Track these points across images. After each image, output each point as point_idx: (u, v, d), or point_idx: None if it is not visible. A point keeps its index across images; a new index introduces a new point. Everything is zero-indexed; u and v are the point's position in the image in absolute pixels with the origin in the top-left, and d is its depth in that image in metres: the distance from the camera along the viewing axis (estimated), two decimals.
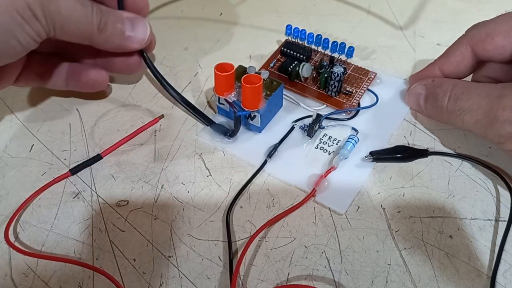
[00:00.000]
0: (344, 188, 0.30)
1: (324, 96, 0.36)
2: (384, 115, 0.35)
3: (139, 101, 0.37)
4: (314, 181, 0.30)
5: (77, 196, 0.31)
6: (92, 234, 0.29)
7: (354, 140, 0.32)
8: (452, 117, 0.30)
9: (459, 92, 0.29)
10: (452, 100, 0.29)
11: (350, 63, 0.38)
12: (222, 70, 0.31)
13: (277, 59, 0.38)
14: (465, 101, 0.29)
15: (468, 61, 0.31)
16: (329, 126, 0.34)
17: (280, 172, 0.32)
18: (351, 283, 0.26)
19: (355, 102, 0.35)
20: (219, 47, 0.42)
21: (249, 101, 0.31)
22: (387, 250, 0.28)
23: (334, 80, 0.34)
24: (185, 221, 0.29)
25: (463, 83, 0.30)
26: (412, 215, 0.29)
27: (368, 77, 0.37)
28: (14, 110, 0.37)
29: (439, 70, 0.33)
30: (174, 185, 0.31)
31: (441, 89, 0.31)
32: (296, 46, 0.38)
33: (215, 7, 0.45)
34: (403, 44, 0.41)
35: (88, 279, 0.27)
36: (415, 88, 0.33)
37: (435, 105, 0.31)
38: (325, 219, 0.29)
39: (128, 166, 0.32)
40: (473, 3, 0.45)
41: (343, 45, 0.36)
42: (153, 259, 0.28)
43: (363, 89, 0.36)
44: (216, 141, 0.33)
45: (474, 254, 0.27)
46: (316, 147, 0.33)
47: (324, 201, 0.30)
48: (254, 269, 0.27)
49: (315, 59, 0.38)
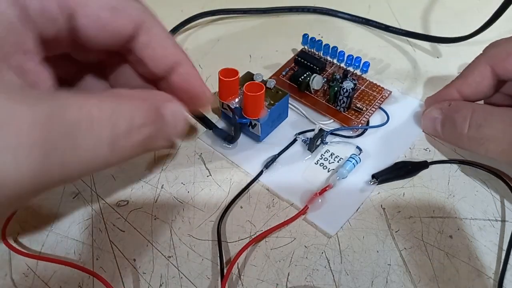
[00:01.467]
0: (338, 209, 0.29)
1: (332, 111, 0.34)
2: (393, 137, 0.33)
3: None
4: (308, 197, 0.29)
5: (77, 196, 0.31)
6: (92, 234, 0.29)
7: (355, 160, 0.31)
8: (474, 145, 0.28)
9: (481, 118, 0.27)
10: (474, 128, 0.28)
11: (365, 78, 0.36)
12: (227, 75, 0.30)
13: (291, 68, 0.38)
14: (488, 129, 0.27)
15: (488, 82, 0.29)
16: (333, 143, 0.33)
17: (275, 184, 0.31)
18: (351, 283, 0.26)
19: (364, 120, 0.34)
20: (219, 47, 0.42)
21: (249, 109, 0.30)
22: (387, 250, 0.28)
23: (343, 95, 0.33)
24: (185, 221, 0.29)
25: (483, 108, 0.28)
26: (412, 215, 0.29)
27: (382, 95, 0.35)
28: None
29: (457, 93, 0.31)
30: (174, 185, 0.31)
31: (460, 115, 0.29)
32: (311, 56, 0.37)
33: (215, 7, 0.45)
34: (403, 44, 0.41)
35: (88, 279, 0.27)
36: (431, 112, 0.32)
37: (454, 131, 0.29)
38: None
39: (128, 166, 0.32)
40: (473, 3, 0.45)
41: (359, 59, 0.35)
42: (153, 259, 0.28)
43: (375, 107, 0.34)
44: (216, 146, 0.33)
45: (474, 254, 0.27)
46: (316, 163, 0.32)
47: (314, 220, 0.29)
48: (254, 269, 0.27)
49: (330, 71, 0.37)
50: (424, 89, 0.37)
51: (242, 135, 0.33)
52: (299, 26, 0.44)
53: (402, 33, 0.41)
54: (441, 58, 0.40)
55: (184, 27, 0.43)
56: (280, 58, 0.40)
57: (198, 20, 0.43)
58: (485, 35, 0.36)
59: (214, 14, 0.44)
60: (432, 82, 0.37)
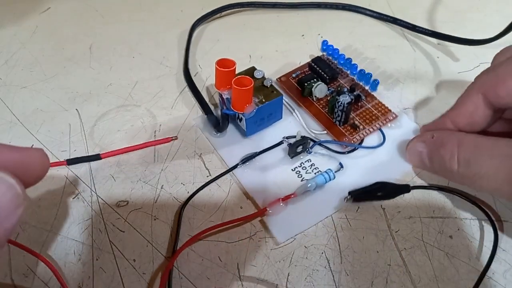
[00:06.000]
0: (295, 219, 0.29)
1: (328, 122, 0.33)
2: (385, 161, 0.32)
3: (139, 101, 0.37)
4: (270, 201, 0.29)
5: (76, 196, 0.31)
6: (92, 234, 0.29)
7: (328, 175, 0.30)
8: (467, 182, 0.27)
9: (468, 153, 0.26)
10: (463, 165, 0.26)
11: (374, 96, 0.35)
12: (223, 65, 0.30)
13: (303, 72, 0.37)
14: (478, 166, 0.25)
15: (482, 111, 0.28)
16: (317, 154, 0.32)
17: (246, 180, 0.31)
18: (351, 284, 0.26)
19: (358, 138, 0.32)
20: (219, 47, 0.42)
21: (236, 102, 0.30)
22: (387, 250, 0.28)
23: (338, 109, 0.32)
24: (185, 221, 0.29)
25: (469, 140, 0.27)
26: (412, 215, 0.29)
27: (386, 117, 0.33)
28: (13, 110, 0.37)
29: (451, 124, 0.29)
30: (174, 185, 0.31)
31: (446, 150, 0.27)
32: (325, 64, 0.36)
33: (215, 7, 0.45)
34: (403, 43, 0.41)
35: (88, 279, 0.27)
36: (414, 146, 0.30)
37: (443, 168, 0.27)
38: (325, 220, 0.29)
39: (127, 166, 0.32)
40: (473, 2, 0.45)
41: (369, 75, 0.34)
42: (153, 259, 0.28)
43: (374, 128, 0.33)
44: (205, 131, 0.34)
45: (474, 254, 0.27)
46: (293, 169, 0.31)
47: (269, 224, 0.28)
48: (254, 269, 0.27)
49: (341, 82, 0.36)
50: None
51: (232, 127, 0.34)
52: (299, 26, 0.44)
53: (428, 33, 0.40)
54: (441, 58, 0.40)
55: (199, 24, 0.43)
56: (281, 58, 0.40)
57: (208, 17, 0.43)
58: (507, 38, 0.36)
59: (242, 6, 0.45)
60: (432, 83, 0.37)
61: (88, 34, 0.44)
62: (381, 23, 0.44)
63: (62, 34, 0.44)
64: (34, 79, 0.39)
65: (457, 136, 0.27)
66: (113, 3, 0.47)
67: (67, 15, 0.46)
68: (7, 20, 0.46)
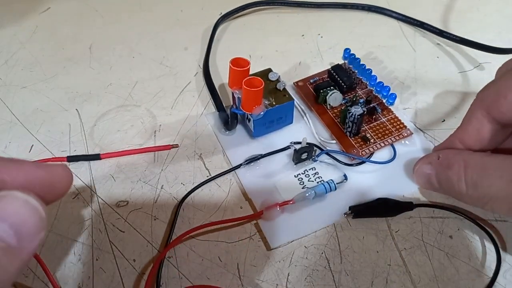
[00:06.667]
0: (290, 226, 0.28)
1: (339, 132, 0.33)
2: (392, 179, 0.31)
3: (139, 101, 0.37)
4: (267, 204, 0.29)
5: (76, 196, 0.31)
6: (92, 234, 0.29)
7: (329, 186, 0.29)
8: (478, 204, 0.26)
9: (475, 175, 0.25)
10: (471, 187, 0.25)
11: (391, 110, 0.34)
12: (238, 65, 0.30)
13: (321, 78, 0.37)
14: (486, 188, 0.24)
15: (488, 128, 0.26)
16: (323, 163, 0.31)
17: (247, 181, 0.31)
18: (351, 284, 0.26)
19: (367, 151, 0.32)
20: (219, 47, 0.42)
21: (245, 103, 0.30)
22: (387, 250, 0.28)
23: (349, 119, 0.31)
24: (185, 221, 0.29)
25: (475, 161, 0.26)
26: (412, 215, 0.29)
27: (400, 133, 0.33)
28: (13, 110, 0.37)
29: (460, 143, 0.28)
30: (174, 185, 0.31)
31: (453, 172, 0.26)
32: (344, 72, 0.35)
33: (215, 7, 0.45)
34: (403, 43, 0.41)
35: (88, 279, 0.27)
36: (421, 169, 0.29)
37: (453, 190, 0.26)
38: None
39: (127, 166, 0.32)
40: (473, 2, 0.45)
41: (387, 88, 0.33)
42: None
43: (386, 143, 0.32)
44: (215, 128, 0.34)
45: (474, 254, 0.27)
46: (295, 176, 0.31)
47: (263, 227, 0.28)
48: (254, 269, 0.27)
49: (359, 92, 0.35)
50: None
51: (241, 127, 0.34)
52: (299, 26, 0.44)
53: (457, 40, 0.40)
54: (440, 58, 0.40)
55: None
56: (281, 58, 0.40)
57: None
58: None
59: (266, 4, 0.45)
60: (431, 83, 0.37)
61: (88, 34, 0.44)
62: (381, 23, 0.44)
63: (62, 34, 0.44)
64: (34, 79, 0.39)
65: (462, 156, 0.26)
66: (113, 3, 0.47)
67: (67, 15, 0.46)
68: (7, 20, 0.46)
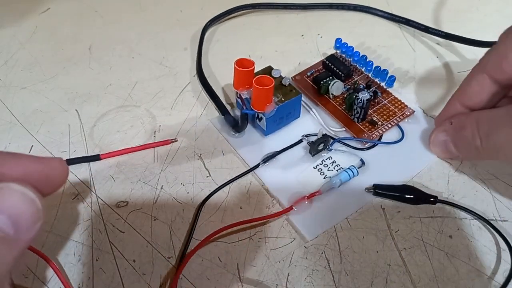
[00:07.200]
0: (321, 216, 0.29)
1: (346, 119, 0.34)
2: (405, 157, 0.32)
3: (139, 102, 0.37)
4: (295, 199, 0.29)
5: (76, 197, 0.31)
6: (92, 235, 0.29)
7: (351, 172, 0.30)
8: (492, 155, 0.27)
9: (486, 127, 0.27)
10: (484, 140, 0.27)
11: (390, 92, 0.35)
12: (242, 65, 0.31)
13: (317, 70, 0.37)
14: (497, 136, 0.26)
15: (488, 89, 0.29)
16: (338, 151, 0.32)
17: (268, 179, 0.31)
18: (351, 284, 0.26)
19: (377, 134, 0.33)
20: (219, 47, 0.42)
21: (257, 102, 0.31)
22: (387, 250, 0.28)
23: (357, 105, 0.32)
24: (185, 221, 0.29)
25: (484, 116, 0.28)
26: (412, 215, 0.29)
27: (403, 112, 0.34)
28: (13, 111, 0.37)
29: (460, 106, 0.30)
30: (174, 185, 0.31)
31: (467, 131, 0.28)
32: (339, 61, 0.36)
33: (215, 7, 0.45)
34: (402, 43, 0.41)
35: (88, 280, 0.27)
36: (437, 137, 0.31)
37: (470, 149, 0.28)
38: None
39: (127, 167, 0.32)
40: (473, 2, 0.45)
41: (385, 72, 0.34)
42: (153, 260, 0.28)
43: (392, 123, 0.33)
44: (223, 132, 0.34)
45: (474, 254, 0.27)
46: (314, 167, 0.31)
47: (296, 222, 0.29)
48: (253, 269, 0.27)
49: (356, 79, 0.36)
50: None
51: (250, 127, 0.34)
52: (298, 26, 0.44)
53: (457, 40, 0.40)
54: (440, 58, 0.40)
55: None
56: (280, 58, 0.40)
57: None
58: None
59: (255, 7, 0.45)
60: (431, 81, 0.37)
61: (88, 35, 0.44)
62: (380, 23, 0.44)
63: (61, 35, 0.44)
64: (34, 79, 0.39)
65: (473, 115, 0.28)
66: (113, 3, 0.47)
67: (67, 16, 0.46)
68: (7, 20, 0.46)
